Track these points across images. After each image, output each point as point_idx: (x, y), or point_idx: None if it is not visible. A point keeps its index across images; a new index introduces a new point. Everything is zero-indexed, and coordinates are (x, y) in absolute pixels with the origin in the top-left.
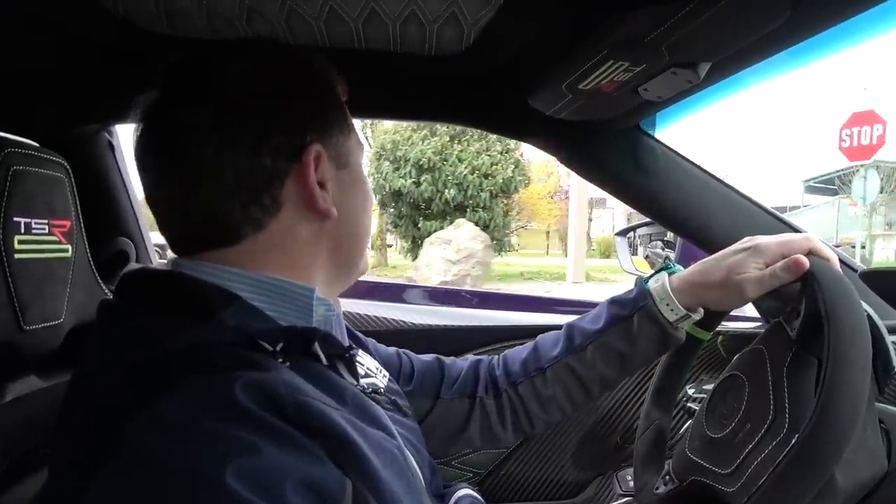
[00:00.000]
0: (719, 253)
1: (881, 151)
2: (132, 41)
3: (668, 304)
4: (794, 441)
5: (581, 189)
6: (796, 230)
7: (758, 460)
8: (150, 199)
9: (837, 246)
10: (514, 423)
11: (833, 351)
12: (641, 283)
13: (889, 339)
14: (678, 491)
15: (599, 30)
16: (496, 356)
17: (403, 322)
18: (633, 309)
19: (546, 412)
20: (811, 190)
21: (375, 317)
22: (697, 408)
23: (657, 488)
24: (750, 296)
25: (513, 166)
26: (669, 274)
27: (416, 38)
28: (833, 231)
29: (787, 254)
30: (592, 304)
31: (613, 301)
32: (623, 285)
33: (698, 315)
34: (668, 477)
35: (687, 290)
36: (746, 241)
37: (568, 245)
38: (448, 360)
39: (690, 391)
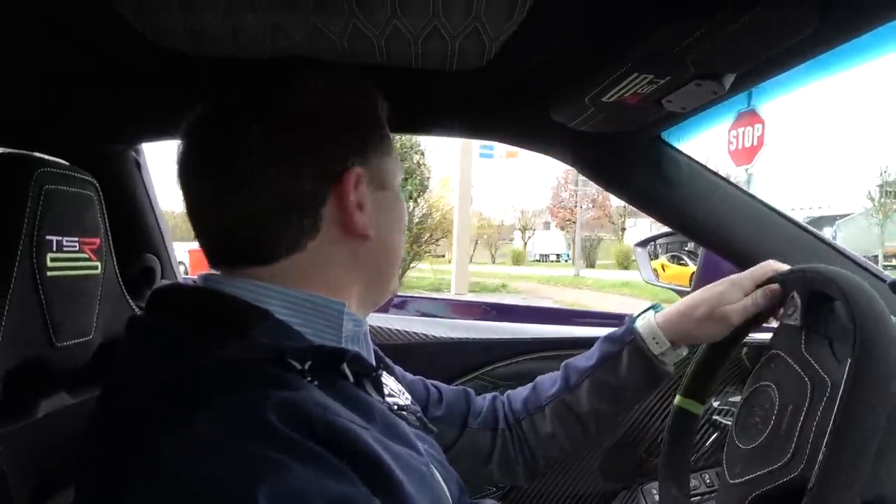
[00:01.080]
0: (699, 291)
1: (761, 153)
2: (158, 60)
3: (654, 339)
4: (842, 387)
5: (464, 199)
6: (821, 240)
7: (813, 430)
8: (191, 211)
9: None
10: (524, 460)
11: (856, 306)
12: (630, 321)
13: None
14: None
15: (623, 43)
16: (503, 394)
17: (424, 335)
18: (622, 344)
19: (545, 449)
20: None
21: (396, 330)
22: (724, 421)
23: None
24: (735, 322)
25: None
26: (655, 312)
27: (437, 53)
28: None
29: (760, 278)
30: (612, 316)
31: (606, 339)
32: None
33: (683, 350)
34: None
35: (672, 325)
36: (721, 280)
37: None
38: (471, 392)
39: (716, 403)
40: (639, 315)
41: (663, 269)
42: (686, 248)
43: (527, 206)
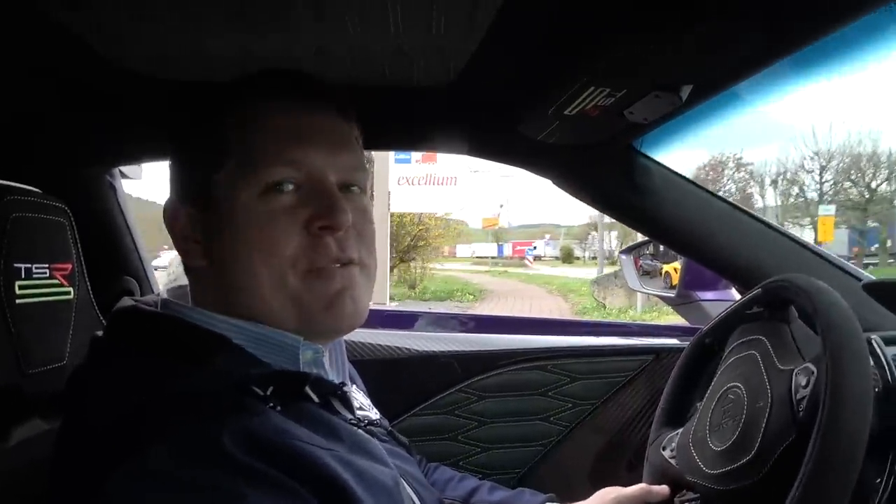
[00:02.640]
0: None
1: None
2: (128, 86)
3: None
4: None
5: (381, 206)
6: (797, 242)
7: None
8: None
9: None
10: None
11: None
12: (547, 498)
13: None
14: None
15: (580, 57)
16: (427, 464)
17: (406, 349)
18: None
19: None
20: None
21: (378, 345)
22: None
23: None
24: None
25: None
26: None
27: (404, 71)
28: None
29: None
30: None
31: (523, 493)
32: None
33: None
34: None
35: None
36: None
37: None
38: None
39: None
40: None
41: (676, 272)
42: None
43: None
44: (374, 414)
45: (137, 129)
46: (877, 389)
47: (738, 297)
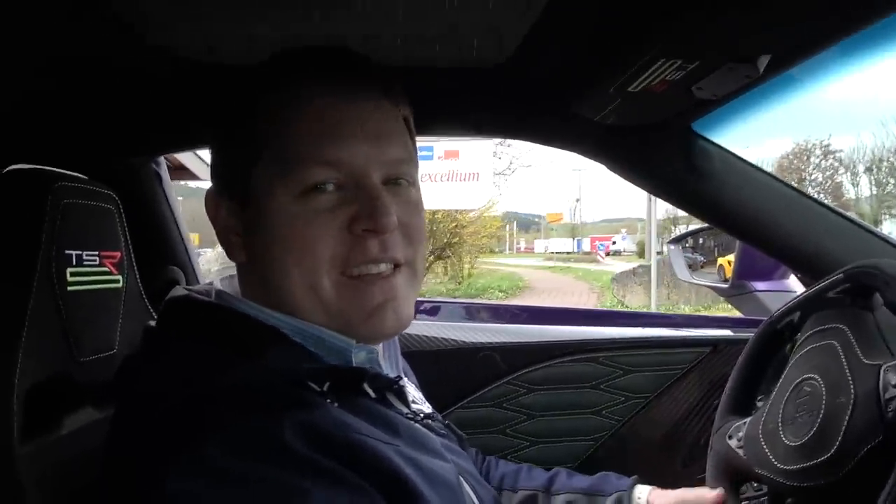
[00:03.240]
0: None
1: None
2: (173, 71)
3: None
4: None
5: None
6: (865, 229)
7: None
8: None
9: None
10: None
11: None
12: (631, 481)
13: None
14: None
15: (649, 28)
16: (488, 457)
17: (454, 341)
18: (615, 490)
19: None
20: None
21: (426, 336)
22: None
23: None
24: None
25: None
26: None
27: (455, 52)
28: None
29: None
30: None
31: (604, 477)
32: None
33: None
34: None
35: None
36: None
37: None
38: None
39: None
40: (637, 483)
41: (730, 265)
42: (717, 243)
43: None
44: (427, 408)
45: (182, 116)
46: None
47: (796, 287)
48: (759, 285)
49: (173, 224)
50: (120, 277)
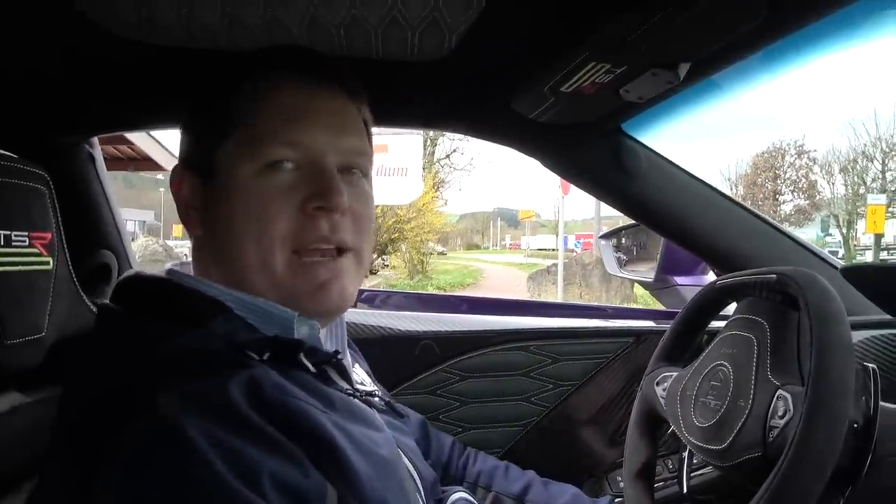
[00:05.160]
0: None
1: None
2: (111, 51)
3: None
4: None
5: None
6: (777, 229)
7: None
8: None
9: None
10: None
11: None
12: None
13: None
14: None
15: (581, 32)
16: (468, 449)
17: (391, 329)
18: None
19: None
20: None
21: (363, 325)
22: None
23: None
24: None
25: None
26: None
27: (398, 44)
28: None
29: None
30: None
31: (579, 495)
32: None
33: None
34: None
35: None
36: None
37: None
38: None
39: None
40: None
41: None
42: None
43: None
44: (370, 387)
45: (116, 96)
46: (856, 425)
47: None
48: (681, 280)
49: (106, 207)
50: (50, 259)
